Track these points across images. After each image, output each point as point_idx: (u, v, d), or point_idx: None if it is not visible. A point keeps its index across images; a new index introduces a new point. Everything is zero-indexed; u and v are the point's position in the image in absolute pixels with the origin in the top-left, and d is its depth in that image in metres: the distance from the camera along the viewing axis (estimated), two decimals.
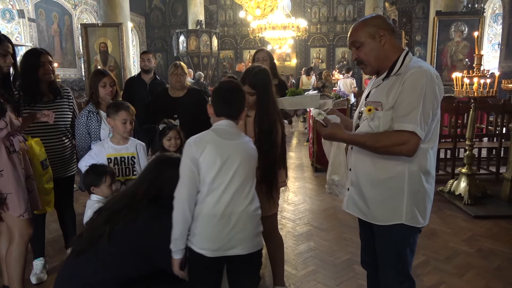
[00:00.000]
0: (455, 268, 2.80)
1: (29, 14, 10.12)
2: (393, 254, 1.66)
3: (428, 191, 1.64)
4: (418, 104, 1.48)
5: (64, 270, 1.77)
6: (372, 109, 1.60)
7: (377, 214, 1.65)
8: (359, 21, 1.70)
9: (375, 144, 1.55)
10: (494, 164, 5.07)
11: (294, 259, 2.97)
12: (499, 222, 3.61)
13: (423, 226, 1.65)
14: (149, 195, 1.74)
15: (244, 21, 14.33)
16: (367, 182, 1.66)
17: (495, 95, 4.00)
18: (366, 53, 1.64)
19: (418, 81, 1.50)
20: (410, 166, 1.58)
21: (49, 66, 2.61)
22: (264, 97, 2.18)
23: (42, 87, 2.63)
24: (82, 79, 11.40)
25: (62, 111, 2.74)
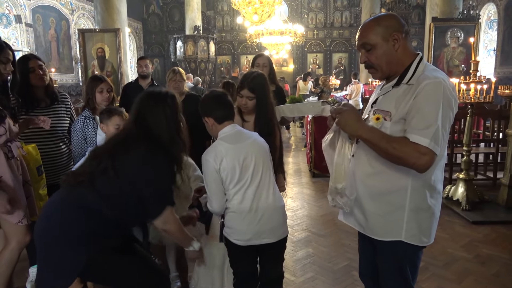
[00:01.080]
0: (453, 274, 2.79)
1: (26, 19, 10.11)
2: (394, 270, 1.57)
3: (433, 208, 1.51)
4: (435, 118, 1.35)
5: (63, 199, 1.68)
6: (380, 117, 1.48)
7: (376, 228, 1.56)
8: (370, 20, 1.54)
9: (390, 149, 1.40)
10: (491, 169, 5.08)
11: (293, 265, 2.95)
12: (497, 228, 3.62)
13: (426, 244, 1.54)
14: (140, 130, 1.71)
15: (242, 26, 14.38)
16: (366, 194, 1.56)
17: (492, 101, 4.02)
18: (378, 57, 1.50)
19: (435, 94, 1.37)
20: (414, 181, 1.47)
21: (39, 71, 2.59)
22: (263, 100, 2.20)
23: (37, 92, 2.62)
24: (79, 84, 11.39)
25: (59, 117, 2.73)
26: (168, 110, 1.72)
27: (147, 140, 1.68)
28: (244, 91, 2.17)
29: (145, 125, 1.70)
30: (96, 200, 1.61)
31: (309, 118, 5.50)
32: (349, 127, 1.49)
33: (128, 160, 1.65)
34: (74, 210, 1.61)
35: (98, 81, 2.70)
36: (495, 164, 4.94)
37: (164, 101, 1.73)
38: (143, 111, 1.72)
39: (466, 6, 9.83)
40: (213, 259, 2.24)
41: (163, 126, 1.69)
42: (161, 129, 1.69)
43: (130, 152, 1.65)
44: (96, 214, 1.61)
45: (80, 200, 1.61)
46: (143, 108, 1.74)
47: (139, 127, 1.70)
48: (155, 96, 1.76)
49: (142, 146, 1.67)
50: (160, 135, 1.69)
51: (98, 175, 1.63)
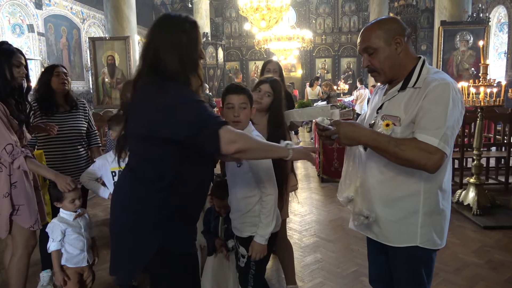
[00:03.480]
0: (464, 280, 2.75)
1: (38, 29, 10.31)
2: (410, 276, 1.55)
3: (445, 210, 1.52)
4: (444, 119, 1.35)
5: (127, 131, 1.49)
6: (390, 124, 1.46)
7: (390, 235, 1.53)
8: (372, 23, 1.53)
9: (399, 152, 1.37)
10: (503, 173, 5.01)
11: (301, 271, 2.94)
12: (509, 233, 3.56)
13: (440, 247, 1.53)
14: (148, 62, 1.44)
15: (250, 33, 14.47)
16: (379, 201, 1.53)
17: (502, 104, 3.97)
18: (381, 61, 1.49)
19: (443, 95, 1.37)
20: (426, 184, 1.45)
21: (63, 76, 2.73)
22: (279, 102, 2.25)
23: (57, 98, 2.74)
24: (90, 91, 11.53)
25: (78, 121, 2.83)
26: (185, 38, 1.41)
27: (155, 75, 1.41)
28: (265, 85, 2.21)
29: (155, 56, 1.41)
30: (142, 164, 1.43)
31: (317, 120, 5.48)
32: (349, 139, 1.45)
33: (135, 99, 1.43)
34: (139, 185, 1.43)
35: (130, 85, 2.82)
36: (507, 168, 4.86)
37: (182, 26, 1.43)
38: (154, 38, 1.43)
39: (475, 9, 9.75)
40: (224, 268, 2.22)
41: (175, 57, 1.39)
42: (172, 60, 1.39)
43: (137, 92, 1.44)
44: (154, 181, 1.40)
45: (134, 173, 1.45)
46: (155, 34, 1.44)
47: (149, 58, 1.43)
48: (171, 20, 1.45)
49: (149, 80, 1.42)
50: (170, 68, 1.39)
51: (129, 136, 1.45)
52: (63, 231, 2.10)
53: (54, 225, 2.11)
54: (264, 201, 1.82)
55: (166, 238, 1.42)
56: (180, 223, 1.48)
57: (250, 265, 1.91)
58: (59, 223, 2.11)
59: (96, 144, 3.02)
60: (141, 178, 1.42)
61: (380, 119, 1.52)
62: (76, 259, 2.14)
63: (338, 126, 1.45)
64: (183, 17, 1.46)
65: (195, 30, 1.46)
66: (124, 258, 1.46)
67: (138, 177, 1.43)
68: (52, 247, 2.11)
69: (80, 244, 2.15)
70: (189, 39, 1.42)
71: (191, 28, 1.45)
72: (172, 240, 1.43)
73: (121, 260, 1.48)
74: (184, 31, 1.42)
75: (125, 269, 1.47)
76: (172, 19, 1.45)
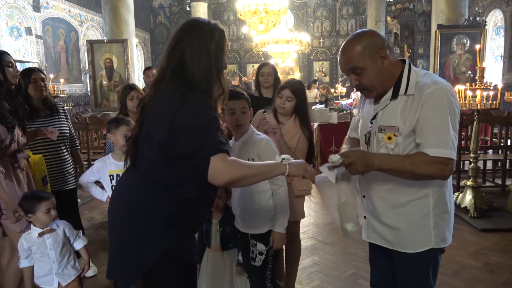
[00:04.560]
0: (462, 282, 2.76)
1: (36, 31, 10.31)
2: (416, 279, 1.55)
3: (452, 207, 1.54)
4: (446, 126, 1.36)
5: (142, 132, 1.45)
6: (392, 136, 1.44)
7: (406, 242, 1.51)
8: (352, 42, 1.45)
9: (415, 170, 1.36)
10: (500, 176, 5.03)
11: (299, 273, 2.93)
12: (506, 235, 3.57)
13: (448, 244, 1.55)
14: (173, 64, 1.41)
15: (248, 36, 14.51)
16: (388, 209, 1.53)
17: (499, 107, 4.00)
18: (371, 79, 1.45)
19: (441, 101, 1.36)
20: (434, 185, 1.47)
21: (40, 83, 2.69)
22: (303, 104, 2.32)
23: (35, 103, 2.70)
24: (88, 94, 11.53)
25: (61, 125, 2.83)
26: (213, 45, 1.41)
27: (178, 79, 1.38)
28: (286, 91, 2.27)
29: (180, 59, 1.39)
30: (149, 167, 1.41)
31: (315, 126, 5.51)
32: (365, 167, 1.37)
33: (154, 104, 1.39)
34: (142, 186, 1.42)
35: (129, 89, 2.92)
36: (504, 170, 4.89)
37: (211, 34, 1.42)
38: (182, 40, 1.41)
39: (472, 13, 9.80)
40: (219, 272, 2.22)
41: (201, 64, 1.38)
42: (197, 67, 1.38)
43: (157, 96, 1.39)
44: (153, 184, 1.40)
45: (140, 173, 1.43)
46: (183, 36, 1.41)
47: (173, 61, 1.41)
48: (202, 25, 1.43)
49: (171, 85, 1.38)
50: (194, 74, 1.38)
51: (143, 139, 1.42)
52: (26, 249, 2.00)
53: (20, 242, 2.01)
54: (278, 193, 1.94)
55: (171, 244, 1.41)
56: (185, 231, 1.47)
57: (268, 260, 1.99)
58: (22, 240, 2.00)
59: (75, 147, 3.03)
60: (153, 182, 1.40)
61: (378, 131, 1.50)
62: (43, 280, 2.03)
63: (351, 156, 1.37)
64: (213, 24, 1.45)
65: (223, 39, 1.45)
66: (127, 261, 1.43)
67: (149, 180, 1.40)
68: (22, 264, 2.02)
69: (45, 265, 2.01)
70: (217, 47, 1.42)
71: (220, 37, 1.44)
72: (176, 247, 1.43)
73: (123, 262, 1.45)
74: (213, 38, 1.41)
75: (128, 272, 1.45)
76: (203, 24, 1.44)
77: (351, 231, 1.54)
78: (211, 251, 2.21)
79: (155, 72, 4.52)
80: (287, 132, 2.29)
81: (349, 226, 1.53)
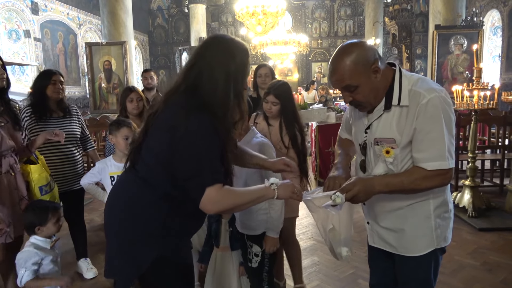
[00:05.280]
0: (460, 281, 2.77)
1: (35, 34, 10.34)
2: (418, 280, 1.55)
3: (452, 207, 1.55)
4: (442, 137, 1.35)
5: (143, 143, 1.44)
6: (390, 151, 1.42)
7: (409, 246, 1.51)
8: (343, 57, 1.36)
9: (416, 187, 1.38)
10: (498, 176, 5.05)
11: None
12: (504, 235, 3.59)
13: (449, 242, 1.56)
14: (188, 81, 1.37)
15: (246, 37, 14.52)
16: (388, 213, 1.53)
17: (496, 107, 4.02)
18: (366, 95, 1.40)
19: (436, 111, 1.34)
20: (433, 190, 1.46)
21: (59, 85, 2.77)
22: (288, 107, 2.34)
23: (50, 104, 2.77)
24: (87, 96, 11.56)
25: (72, 127, 2.88)
26: (233, 67, 1.34)
27: (191, 96, 1.33)
28: (270, 97, 2.32)
29: (196, 79, 1.34)
30: (147, 171, 1.40)
31: (314, 127, 5.53)
32: (367, 195, 1.38)
33: (161, 116, 1.36)
34: (140, 186, 1.42)
35: (128, 91, 2.97)
36: (502, 170, 4.91)
37: (232, 54, 1.35)
38: (200, 61, 1.36)
39: (469, 13, 9.85)
40: (227, 272, 2.22)
41: (217, 88, 1.32)
42: (213, 91, 1.31)
43: (165, 108, 1.36)
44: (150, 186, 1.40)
45: (137, 174, 1.43)
46: (203, 56, 1.36)
47: (188, 79, 1.36)
48: (223, 45, 1.37)
49: (181, 100, 1.34)
50: (208, 97, 1.31)
51: (145, 147, 1.40)
52: (39, 260, 1.89)
53: (29, 254, 1.89)
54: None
55: (165, 248, 1.42)
56: (181, 234, 1.48)
57: (264, 262, 2.00)
58: (35, 251, 1.89)
59: (92, 148, 3.10)
60: (150, 187, 1.40)
61: (374, 143, 1.48)
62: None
63: (353, 189, 1.35)
64: (235, 43, 1.39)
65: (245, 60, 1.39)
66: (124, 261, 1.45)
67: (147, 185, 1.41)
68: (25, 277, 1.86)
69: (54, 273, 1.97)
70: (237, 69, 1.35)
71: (242, 58, 1.38)
72: (170, 251, 1.44)
73: (120, 263, 1.46)
74: (233, 59, 1.35)
75: (124, 272, 1.46)
76: (225, 43, 1.38)
77: (346, 256, 1.52)
78: (219, 251, 2.21)
79: (153, 74, 4.56)
80: (276, 133, 2.35)
81: (344, 251, 1.52)
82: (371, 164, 1.53)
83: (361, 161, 1.57)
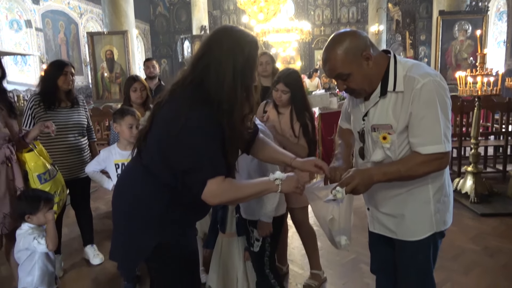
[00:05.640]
0: (461, 266, 2.81)
1: (36, 24, 10.31)
2: (418, 264, 1.58)
3: (451, 191, 1.57)
4: (437, 121, 1.36)
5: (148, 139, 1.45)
6: (387, 136, 1.44)
7: (409, 231, 1.54)
8: (333, 47, 1.39)
9: (414, 174, 1.40)
10: (501, 162, 5.05)
11: (301, 259, 3.00)
12: (506, 220, 3.61)
13: (448, 226, 1.58)
14: (195, 74, 1.36)
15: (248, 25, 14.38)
16: (388, 198, 1.55)
17: (499, 93, 4.00)
18: (359, 83, 1.43)
19: (431, 96, 1.35)
20: (432, 174, 1.47)
21: (70, 77, 2.82)
22: (298, 95, 2.34)
23: (60, 94, 2.82)
24: (89, 86, 11.56)
25: (80, 117, 2.94)
26: (241, 60, 1.32)
27: (196, 89, 1.33)
28: (280, 85, 2.32)
29: (203, 72, 1.33)
30: (150, 161, 1.42)
31: (316, 114, 5.53)
32: (366, 186, 1.41)
33: (166, 106, 1.37)
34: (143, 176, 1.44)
35: (132, 80, 3.00)
36: (505, 156, 4.91)
37: (241, 47, 1.33)
38: (209, 53, 1.34)
39: None
40: (233, 257, 2.25)
41: (225, 82, 1.30)
42: (220, 85, 1.31)
43: (171, 98, 1.37)
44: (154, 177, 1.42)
45: (143, 163, 1.45)
46: (211, 48, 1.34)
47: (198, 69, 1.35)
48: (232, 37, 1.35)
49: (187, 93, 1.34)
50: (215, 91, 1.31)
51: (150, 137, 1.41)
52: (38, 236, 1.92)
53: (26, 233, 1.94)
54: None
55: (167, 236, 1.45)
56: (182, 223, 1.51)
57: (265, 247, 2.04)
58: (30, 230, 1.93)
59: (93, 139, 3.14)
60: (153, 176, 1.42)
61: (371, 130, 1.50)
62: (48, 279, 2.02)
63: (352, 182, 1.37)
64: (244, 35, 1.37)
65: (254, 53, 1.36)
66: (127, 247, 1.49)
67: (150, 174, 1.42)
68: (41, 249, 1.93)
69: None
70: (245, 62, 1.33)
71: (250, 51, 1.35)
72: (173, 238, 1.46)
73: (124, 248, 1.50)
74: (242, 52, 1.33)
75: (127, 257, 1.51)
76: (233, 35, 1.35)
77: (344, 245, 1.53)
78: (225, 237, 2.23)
79: (155, 63, 4.56)
80: (287, 122, 2.35)
81: (343, 240, 1.53)
82: (370, 151, 1.55)
83: (360, 148, 1.60)
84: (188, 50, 13.75)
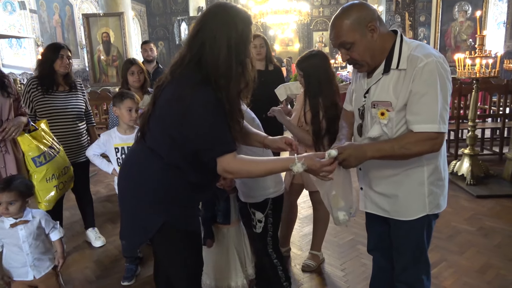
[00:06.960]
0: (456, 246, 2.87)
1: (30, 6, 10.13)
2: (412, 244, 1.61)
3: (446, 174, 1.58)
4: (436, 100, 1.36)
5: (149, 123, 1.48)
6: (385, 112, 1.45)
7: (401, 210, 1.56)
8: (340, 16, 1.44)
9: (406, 152, 1.40)
10: (498, 144, 5.09)
11: (300, 240, 3.06)
12: (502, 201, 3.66)
13: (443, 209, 1.60)
14: (192, 52, 1.38)
15: (246, 6, 14.22)
16: (382, 179, 1.58)
17: (497, 75, 4.00)
18: (360, 53, 1.44)
19: (432, 75, 1.36)
20: (428, 155, 1.47)
21: (66, 60, 2.80)
22: (312, 81, 2.30)
23: (57, 78, 2.81)
24: (86, 69, 11.45)
25: (78, 101, 2.93)
26: (234, 35, 1.34)
27: (195, 68, 1.36)
28: (298, 70, 2.37)
29: (200, 49, 1.36)
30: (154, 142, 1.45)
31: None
32: (357, 159, 1.43)
33: (168, 88, 1.39)
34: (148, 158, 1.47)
35: (129, 64, 2.97)
36: (502, 138, 4.94)
37: (234, 23, 1.35)
38: (204, 28, 1.36)
39: None
40: (241, 243, 2.25)
41: (220, 57, 1.33)
42: (216, 60, 1.33)
43: (172, 80, 1.39)
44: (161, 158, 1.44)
45: (147, 147, 1.48)
46: (205, 23, 1.37)
47: (195, 47, 1.37)
48: (225, 13, 1.37)
49: (187, 73, 1.37)
50: (212, 67, 1.33)
51: (153, 119, 1.44)
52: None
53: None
54: None
55: (171, 216, 1.48)
56: (187, 203, 1.53)
57: (267, 227, 2.08)
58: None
59: (91, 124, 3.13)
60: (158, 157, 1.44)
61: (371, 106, 1.51)
62: (18, 272, 1.93)
63: (344, 153, 1.40)
64: (237, 11, 1.39)
65: (246, 28, 1.38)
66: (133, 226, 1.54)
67: (155, 155, 1.45)
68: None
69: (18, 257, 1.90)
70: (239, 37, 1.35)
71: (243, 26, 1.37)
72: (177, 219, 1.49)
73: (130, 227, 1.56)
74: (235, 27, 1.35)
75: (133, 236, 1.57)
76: (226, 11, 1.37)
77: (343, 220, 1.56)
78: (231, 227, 2.22)
79: (152, 46, 4.52)
80: (300, 100, 2.43)
81: (341, 215, 1.56)
82: (368, 127, 1.56)
83: (358, 125, 1.61)
84: (185, 32, 13.59)
